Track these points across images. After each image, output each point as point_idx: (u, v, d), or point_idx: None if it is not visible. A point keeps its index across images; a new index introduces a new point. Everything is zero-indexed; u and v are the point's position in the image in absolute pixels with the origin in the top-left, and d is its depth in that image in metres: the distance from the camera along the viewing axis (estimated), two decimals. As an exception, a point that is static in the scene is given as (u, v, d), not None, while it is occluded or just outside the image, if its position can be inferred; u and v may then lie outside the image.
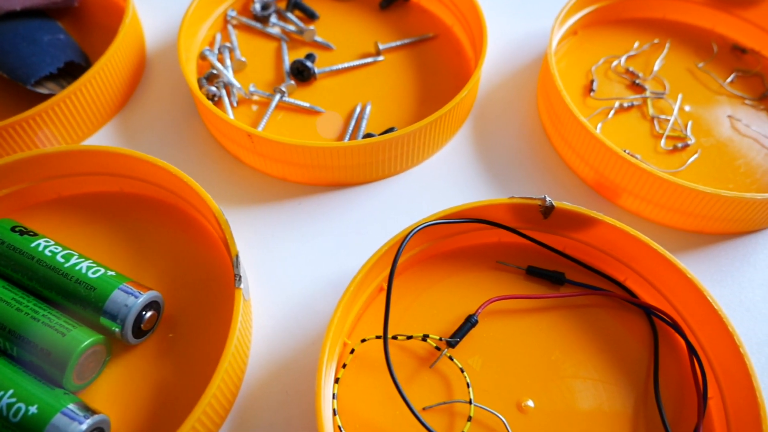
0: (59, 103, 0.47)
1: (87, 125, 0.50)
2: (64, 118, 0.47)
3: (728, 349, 0.37)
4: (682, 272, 0.39)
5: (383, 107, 0.51)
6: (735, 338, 0.37)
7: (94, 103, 0.49)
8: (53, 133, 0.47)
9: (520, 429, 0.37)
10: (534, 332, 0.41)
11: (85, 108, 0.49)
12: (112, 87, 0.50)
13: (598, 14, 0.57)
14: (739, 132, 0.51)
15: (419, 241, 0.42)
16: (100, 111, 0.50)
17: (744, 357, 0.36)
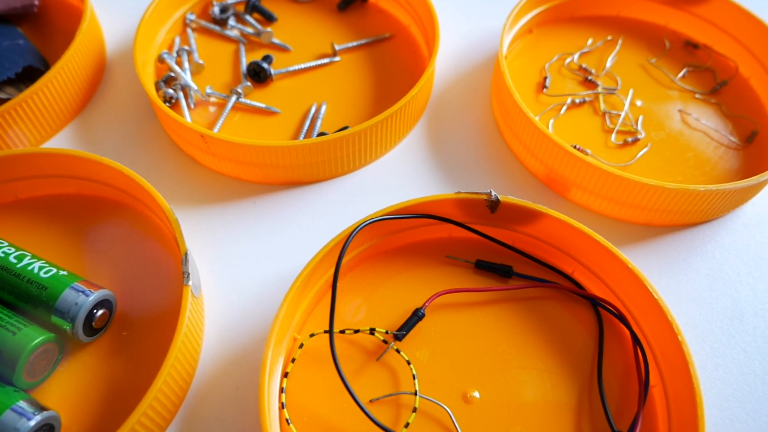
0: (16, 107, 0.47)
1: (46, 128, 0.50)
2: (21, 121, 0.48)
3: (669, 339, 0.38)
4: (625, 264, 0.40)
5: (339, 107, 0.52)
6: (674, 327, 0.38)
7: (52, 107, 0.49)
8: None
9: (465, 419, 0.38)
10: (482, 325, 0.42)
11: (44, 111, 0.49)
12: (70, 90, 0.50)
13: (552, 12, 0.58)
14: (689, 126, 0.52)
15: (368, 237, 0.43)
16: (58, 114, 0.50)
17: (682, 345, 0.37)
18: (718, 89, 0.54)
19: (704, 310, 0.44)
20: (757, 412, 0.40)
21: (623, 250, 0.46)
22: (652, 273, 0.45)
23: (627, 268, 0.40)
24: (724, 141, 0.51)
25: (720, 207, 0.46)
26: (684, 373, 0.36)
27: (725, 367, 0.41)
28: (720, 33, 0.57)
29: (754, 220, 0.48)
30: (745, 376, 0.41)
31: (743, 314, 0.44)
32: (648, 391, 0.38)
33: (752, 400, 0.40)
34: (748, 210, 0.49)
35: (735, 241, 0.47)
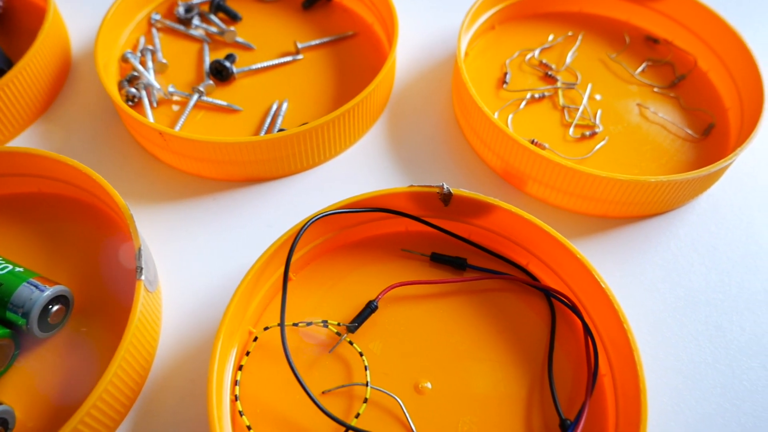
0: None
1: (9, 128, 0.51)
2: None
3: (616, 329, 0.38)
4: (575, 255, 0.40)
5: (302, 104, 0.53)
6: (621, 317, 0.38)
7: (15, 106, 0.50)
8: None
9: (416, 409, 0.38)
10: (436, 316, 0.42)
11: (5, 111, 0.50)
12: (33, 89, 0.51)
13: (515, 9, 0.59)
14: (647, 119, 0.52)
15: (323, 231, 0.43)
16: (21, 113, 0.51)
17: (628, 334, 0.37)
18: (676, 83, 0.55)
19: (658, 300, 0.44)
20: (707, 399, 0.40)
21: (579, 241, 0.47)
22: (607, 264, 0.46)
23: (577, 259, 0.40)
24: (682, 134, 0.52)
25: (674, 198, 0.47)
26: (630, 362, 0.37)
27: (677, 356, 0.42)
28: (680, 28, 0.57)
29: (709, 211, 0.49)
30: (695, 364, 0.42)
31: (696, 304, 0.44)
32: (596, 380, 0.38)
33: (702, 387, 0.41)
34: (703, 201, 0.49)
35: (690, 232, 0.48)
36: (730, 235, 0.47)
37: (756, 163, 0.51)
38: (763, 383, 0.41)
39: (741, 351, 0.42)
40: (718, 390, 0.41)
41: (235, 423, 0.38)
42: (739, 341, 0.43)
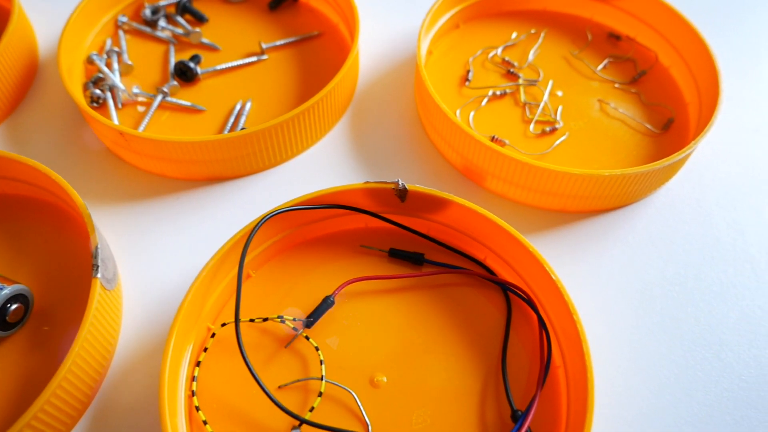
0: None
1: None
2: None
3: (568, 321, 0.39)
4: (528, 249, 0.41)
5: (266, 104, 0.53)
6: (571, 309, 0.39)
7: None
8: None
9: (370, 403, 0.39)
10: (393, 311, 0.42)
11: (-30, 114, 0.50)
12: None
13: (480, 7, 0.59)
14: (608, 114, 0.53)
15: (281, 228, 0.44)
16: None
17: (578, 325, 0.38)
18: (637, 79, 0.55)
19: (615, 293, 0.45)
20: (661, 390, 0.41)
21: (538, 236, 0.47)
22: (566, 258, 0.46)
23: (530, 253, 0.41)
24: (641, 129, 0.52)
25: (632, 192, 0.47)
26: (579, 353, 0.37)
27: (632, 347, 0.42)
28: (642, 25, 0.58)
29: (667, 204, 0.49)
30: (650, 354, 0.42)
31: (653, 296, 0.45)
32: (548, 372, 0.39)
33: (656, 378, 0.41)
34: (662, 195, 0.50)
35: (648, 226, 0.48)
36: (687, 229, 0.48)
37: (714, 157, 0.52)
38: (717, 373, 0.41)
39: (695, 342, 0.43)
40: (672, 380, 0.41)
41: (191, 418, 0.38)
42: (694, 332, 0.43)
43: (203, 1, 0.61)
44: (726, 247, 0.47)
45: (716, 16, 0.64)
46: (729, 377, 0.41)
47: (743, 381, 0.41)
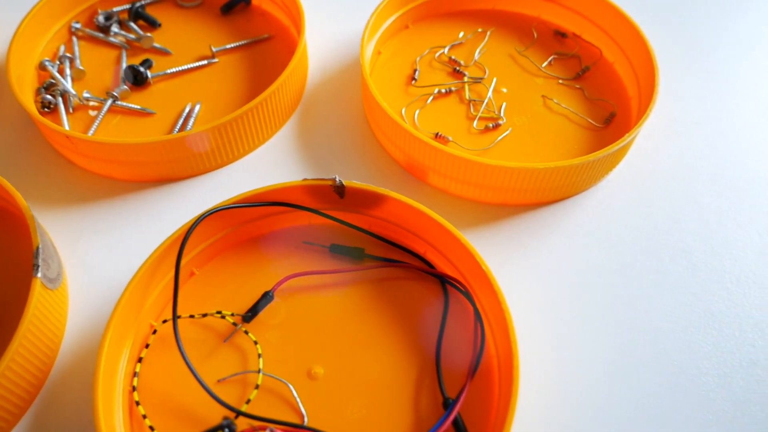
0: None
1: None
2: None
3: (498, 312, 0.40)
4: (461, 242, 0.42)
5: (217, 106, 0.54)
6: (501, 299, 0.39)
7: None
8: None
9: (308, 395, 0.40)
10: (333, 305, 0.43)
11: None
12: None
13: (429, 8, 0.60)
14: (551, 110, 0.54)
15: (223, 225, 0.45)
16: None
17: (505, 313, 0.39)
18: (581, 75, 0.56)
19: (555, 283, 0.46)
20: (595, 376, 0.42)
21: (478, 230, 0.48)
22: (506, 250, 0.47)
23: (464, 246, 0.42)
24: (584, 123, 0.53)
25: (569, 184, 0.48)
26: (507, 344, 0.38)
27: (569, 336, 0.43)
28: (587, 22, 0.59)
29: (608, 197, 0.50)
30: (586, 343, 0.43)
31: (590, 285, 0.46)
32: (480, 362, 0.40)
33: (592, 365, 0.42)
34: (603, 187, 0.51)
35: (588, 217, 0.49)
36: (626, 219, 0.49)
37: (655, 149, 0.53)
38: (651, 359, 0.42)
39: (630, 329, 0.44)
40: (607, 367, 0.42)
41: (132, 413, 0.39)
42: (629, 320, 0.44)
43: (157, 7, 0.62)
44: (663, 236, 0.48)
45: (660, 13, 0.65)
46: (663, 363, 0.42)
47: (676, 367, 0.42)
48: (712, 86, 0.59)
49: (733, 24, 0.65)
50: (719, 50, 0.62)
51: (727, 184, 0.51)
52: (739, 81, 0.59)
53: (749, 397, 0.41)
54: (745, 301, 0.45)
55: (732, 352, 0.43)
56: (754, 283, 0.46)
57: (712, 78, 0.59)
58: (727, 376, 0.42)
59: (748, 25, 0.65)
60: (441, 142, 0.51)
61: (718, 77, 0.60)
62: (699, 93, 0.58)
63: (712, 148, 0.54)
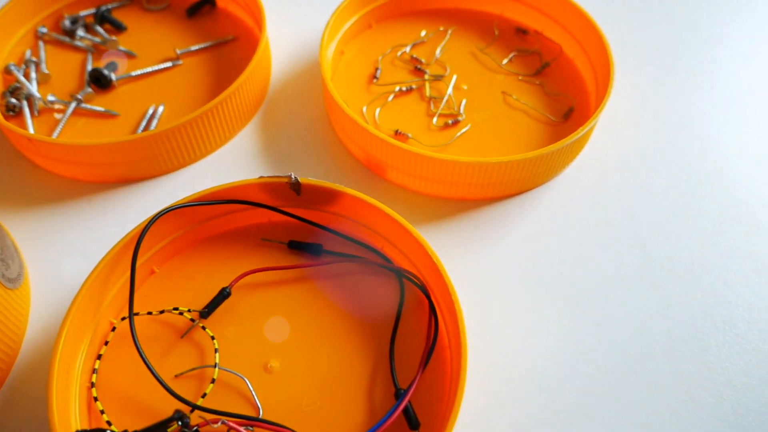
0: None
1: None
2: None
3: (448, 303, 0.40)
4: (413, 235, 0.42)
5: (181, 108, 0.55)
6: (450, 290, 0.40)
7: None
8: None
9: (263, 388, 0.40)
10: (291, 301, 0.44)
11: None
12: None
13: (392, 7, 0.61)
14: (510, 106, 0.55)
15: (181, 224, 0.45)
16: None
17: (455, 304, 0.39)
18: (541, 71, 0.57)
19: (511, 275, 0.46)
20: (547, 366, 0.42)
21: (436, 224, 0.49)
22: (464, 244, 0.48)
23: (416, 240, 0.42)
24: (543, 118, 0.54)
25: (526, 178, 0.49)
26: (457, 336, 0.39)
27: (520, 328, 0.44)
28: (548, 19, 0.60)
29: (565, 190, 0.51)
30: (538, 333, 0.44)
31: (545, 278, 0.46)
32: (432, 354, 0.41)
33: (543, 354, 0.43)
34: (560, 181, 0.52)
35: (545, 210, 0.50)
36: (583, 212, 0.50)
37: (613, 143, 0.54)
38: (603, 350, 0.43)
39: (584, 320, 0.44)
40: (560, 355, 0.43)
41: (90, 408, 0.40)
42: (583, 311, 0.45)
43: (123, 11, 0.62)
44: (618, 228, 0.49)
45: (619, 9, 0.66)
46: (615, 353, 0.43)
47: (629, 355, 0.43)
48: (670, 80, 0.60)
49: (690, 19, 0.66)
50: (676, 45, 0.63)
51: (683, 176, 0.52)
52: (695, 75, 0.60)
53: (700, 383, 0.42)
54: (697, 290, 0.46)
55: (683, 340, 0.44)
56: (706, 273, 0.47)
57: (669, 72, 0.60)
58: (678, 363, 0.43)
59: (704, 21, 0.66)
60: (400, 139, 0.52)
61: (675, 72, 0.60)
62: (656, 87, 0.59)
63: (668, 141, 0.54)
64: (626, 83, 0.58)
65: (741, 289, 0.46)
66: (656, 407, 0.41)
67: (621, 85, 0.58)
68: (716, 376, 0.42)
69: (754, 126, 0.56)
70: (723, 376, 0.42)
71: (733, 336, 0.44)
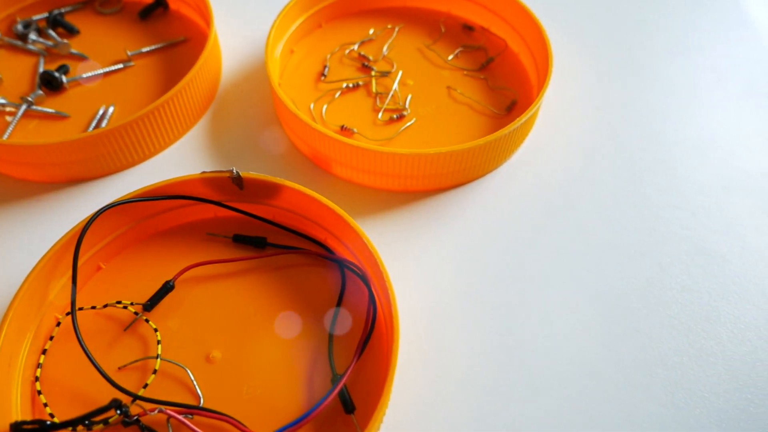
0: None
1: None
2: None
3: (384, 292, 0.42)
4: (351, 226, 0.43)
5: (132, 109, 0.56)
6: (385, 278, 0.41)
7: None
8: None
9: (205, 378, 0.41)
10: (234, 293, 0.45)
11: None
12: None
13: (341, 7, 0.62)
14: (455, 100, 0.56)
15: (126, 220, 0.46)
16: None
17: (390, 294, 0.40)
18: (485, 65, 0.59)
19: (447, 269, 0.47)
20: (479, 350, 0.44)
21: (380, 216, 0.50)
22: (404, 235, 0.49)
23: (354, 231, 0.43)
24: (486, 111, 0.55)
25: (465, 169, 0.50)
26: (391, 324, 0.40)
27: (458, 315, 0.45)
28: (493, 16, 0.61)
29: (507, 180, 0.52)
30: (476, 321, 0.45)
31: (484, 266, 0.47)
32: (368, 342, 0.41)
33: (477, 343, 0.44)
34: (502, 172, 0.53)
35: (487, 201, 0.51)
36: (524, 203, 0.51)
37: (553, 134, 0.55)
38: (537, 338, 0.44)
39: (521, 308, 0.45)
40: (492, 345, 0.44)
41: (34, 402, 0.40)
42: (521, 300, 0.46)
43: (76, 15, 0.63)
44: (559, 217, 0.50)
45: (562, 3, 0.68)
46: (552, 338, 0.44)
47: (564, 341, 0.44)
48: (611, 73, 0.61)
49: (632, 12, 0.68)
50: (618, 38, 0.65)
51: (623, 165, 0.54)
52: (636, 67, 0.62)
53: (634, 363, 0.43)
54: (633, 275, 0.47)
55: (618, 322, 0.45)
56: (642, 257, 0.48)
57: (611, 65, 0.62)
58: (613, 345, 0.44)
59: (646, 13, 0.67)
60: (346, 134, 0.53)
61: (617, 64, 0.62)
62: (599, 79, 0.60)
63: (609, 132, 0.56)
64: (569, 76, 0.60)
65: (675, 271, 0.48)
66: (590, 388, 0.42)
67: (563, 78, 0.59)
68: (648, 356, 0.44)
69: (692, 115, 0.57)
70: (655, 356, 0.44)
71: (666, 317, 0.45)
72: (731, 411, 0.42)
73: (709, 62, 0.62)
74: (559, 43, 0.61)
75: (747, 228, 0.50)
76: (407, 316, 0.45)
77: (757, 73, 0.61)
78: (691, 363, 0.43)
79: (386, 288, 0.41)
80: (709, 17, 0.67)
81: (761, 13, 0.68)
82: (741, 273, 0.48)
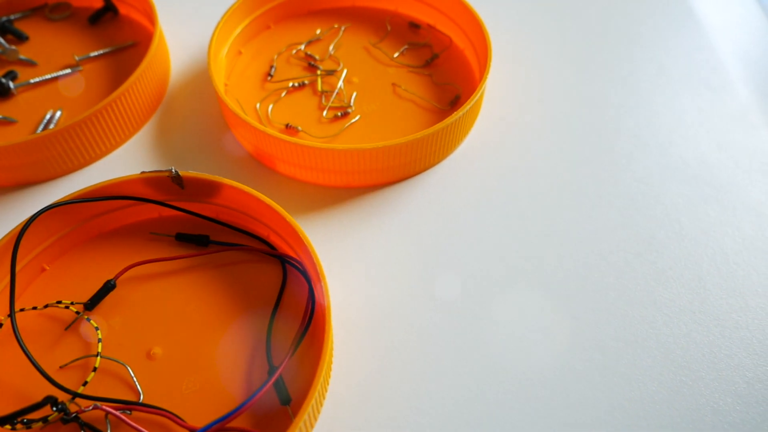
0: None
1: None
2: None
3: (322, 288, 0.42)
4: (288, 222, 0.44)
5: (81, 113, 0.56)
6: (319, 271, 0.42)
7: None
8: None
9: (145, 374, 0.42)
10: (177, 291, 0.46)
11: None
12: None
13: (289, 7, 0.63)
14: (400, 97, 0.57)
15: (69, 221, 0.47)
16: None
17: (324, 289, 0.41)
18: (430, 62, 0.60)
19: (389, 263, 0.48)
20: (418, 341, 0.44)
21: (323, 213, 0.51)
22: (347, 231, 0.50)
23: (292, 226, 0.44)
24: (430, 106, 0.56)
25: (406, 164, 0.51)
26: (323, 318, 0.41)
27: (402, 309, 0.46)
28: (438, 14, 0.62)
29: (449, 174, 0.53)
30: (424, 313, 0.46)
31: (426, 260, 0.48)
32: (304, 335, 0.42)
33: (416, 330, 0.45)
34: (446, 165, 0.54)
35: (429, 195, 0.52)
36: (466, 196, 0.52)
37: (497, 128, 0.56)
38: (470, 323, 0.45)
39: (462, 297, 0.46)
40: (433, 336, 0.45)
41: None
42: (464, 290, 0.47)
43: (26, 21, 0.64)
44: (501, 210, 0.51)
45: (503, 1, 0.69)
46: (490, 328, 0.45)
47: (502, 330, 0.45)
48: (554, 67, 0.62)
49: (573, 4, 0.69)
50: (560, 32, 0.66)
51: (564, 156, 0.55)
52: (579, 60, 0.63)
53: (571, 350, 0.44)
54: (572, 263, 0.48)
55: (557, 310, 0.46)
56: (580, 245, 0.49)
57: (554, 59, 0.63)
58: (549, 330, 0.45)
59: (587, 5, 0.69)
60: (291, 132, 0.54)
61: (560, 58, 0.63)
62: (541, 72, 0.61)
63: (552, 124, 0.57)
64: (511, 70, 0.61)
65: (613, 259, 0.49)
66: (528, 375, 0.43)
67: (506, 72, 0.60)
68: (586, 341, 0.45)
69: (633, 105, 0.59)
70: (593, 341, 0.45)
71: (604, 303, 0.46)
72: (665, 393, 0.43)
73: (649, 53, 0.63)
74: (501, 39, 0.62)
75: (684, 215, 0.51)
76: (350, 310, 0.46)
77: (698, 63, 0.62)
78: (627, 348, 0.44)
79: (318, 281, 0.42)
80: (651, 8, 0.69)
81: (702, 3, 0.69)
82: (677, 259, 0.49)
